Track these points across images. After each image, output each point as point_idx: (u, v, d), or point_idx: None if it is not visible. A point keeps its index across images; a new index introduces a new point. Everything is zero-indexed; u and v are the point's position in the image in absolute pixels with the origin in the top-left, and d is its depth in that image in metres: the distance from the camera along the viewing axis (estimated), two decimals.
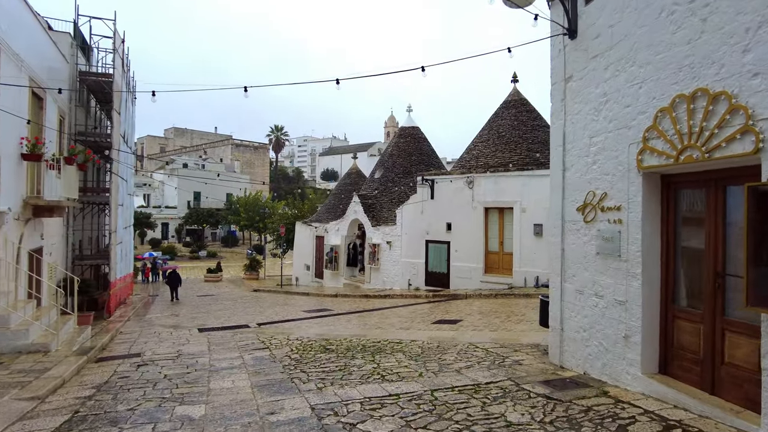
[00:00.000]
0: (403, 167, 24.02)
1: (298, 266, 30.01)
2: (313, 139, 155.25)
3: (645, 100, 5.45)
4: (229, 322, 14.49)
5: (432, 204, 19.40)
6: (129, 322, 15.59)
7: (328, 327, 12.54)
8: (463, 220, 18.60)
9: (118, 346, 10.57)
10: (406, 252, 20.44)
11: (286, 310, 17.30)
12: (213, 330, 12.74)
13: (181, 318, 16.03)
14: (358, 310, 15.81)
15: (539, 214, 17.02)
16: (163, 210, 63.17)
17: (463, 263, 18.59)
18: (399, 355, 8.32)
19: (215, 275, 34.71)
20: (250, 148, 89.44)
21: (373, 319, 13.34)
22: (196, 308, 18.99)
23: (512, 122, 20.12)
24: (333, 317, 14.46)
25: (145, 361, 8.77)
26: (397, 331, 11.24)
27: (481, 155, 19.77)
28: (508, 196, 17.68)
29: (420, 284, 19.66)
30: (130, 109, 23.22)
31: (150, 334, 12.34)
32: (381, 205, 23.23)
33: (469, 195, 18.47)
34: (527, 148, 19.15)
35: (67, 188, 13.72)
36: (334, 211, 27.88)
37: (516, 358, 7.68)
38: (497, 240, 18.24)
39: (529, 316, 11.87)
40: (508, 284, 17.46)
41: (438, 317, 12.87)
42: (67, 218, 16.67)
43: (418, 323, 12.13)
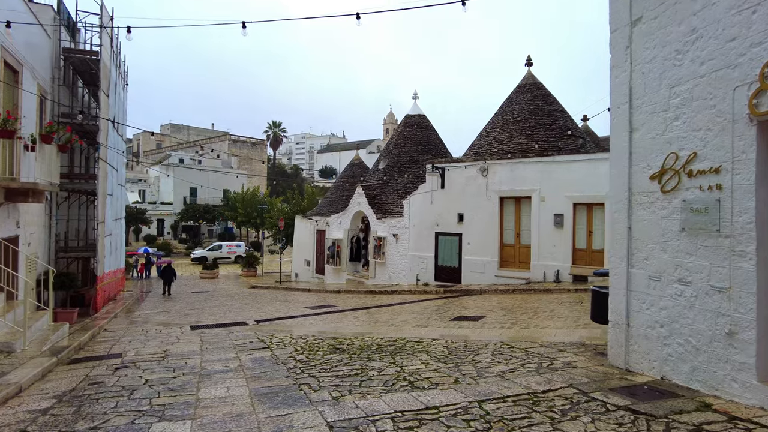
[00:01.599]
0: (410, 157, 22.77)
1: (297, 262, 28.73)
2: (311, 137, 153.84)
3: (762, 26, 4.21)
4: (225, 319, 13.23)
5: (442, 194, 18.16)
6: (116, 319, 14.32)
7: (334, 324, 11.29)
8: (476, 211, 17.37)
9: (98, 346, 9.31)
10: (414, 245, 19.20)
11: (286, 306, 16.04)
12: (207, 327, 11.48)
13: (173, 315, 14.76)
14: (364, 306, 14.56)
15: (560, 203, 15.83)
16: (158, 206, 61.68)
17: (476, 257, 17.36)
18: (423, 356, 7.08)
19: (211, 272, 33.41)
20: (247, 144, 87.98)
21: (384, 316, 12.10)
22: (190, 305, 17.72)
23: (528, 107, 18.89)
24: (339, 314, 13.21)
25: (125, 362, 7.51)
26: (414, 328, 10.01)
27: (494, 141, 18.53)
28: (526, 184, 16.45)
29: (429, 279, 18.42)
30: (120, 94, 21.90)
31: (136, 332, 11.07)
32: (386, 196, 21.98)
33: (483, 184, 17.24)
34: (545, 133, 17.93)
35: (46, 171, 12.44)
36: (335, 204, 26.60)
37: (565, 359, 6.45)
38: (513, 232, 17.01)
39: (560, 312, 10.65)
40: (526, 279, 16.25)
41: (456, 314, 11.64)
42: (49, 206, 15.38)
43: (435, 320, 10.89)
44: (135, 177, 69.65)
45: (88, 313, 15.69)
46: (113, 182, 19.28)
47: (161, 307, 17.08)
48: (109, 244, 18.36)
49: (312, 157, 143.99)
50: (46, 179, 12.78)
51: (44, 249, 14.95)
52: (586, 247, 15.78)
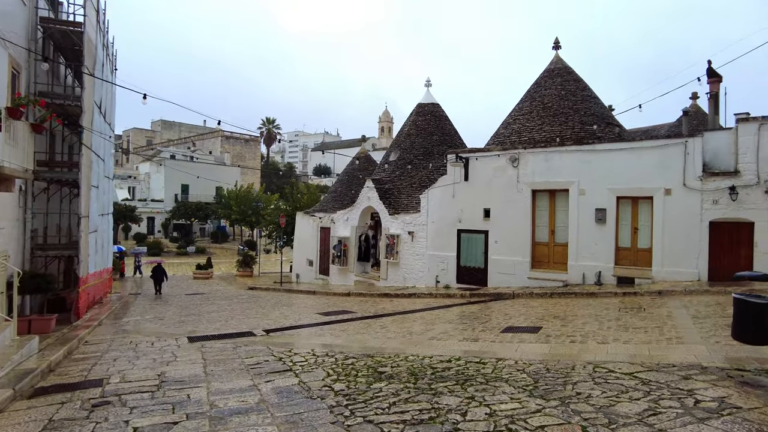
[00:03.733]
0: (424, 148, 21.01)
1: (299, 262, 26.85)
2: (304, 135, 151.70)
3: None
4: (227, 327, 11.40)
5: (466, 187, 16.42)
6: (100, 327, 12.43)
7: (360, 336, 9.50)
8: (504, 206, 15.66)
9: (75, 366, 7.45)
10: (432, 244, 17.44)
11: (294, 312, 14.22)
12: (208, 339, 9.65)
13: (167, 322, 12.89)
14: (386, 312, 12.79)
15: (601, 196, 14.18)
16: (148, 203, 59.36)
17: (504, 256, 15.64)
18: (505, 387, 5.35)
19: (205, 272, 31.44)
20: (240, 141, 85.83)
21: (416, 326, 10.33)
22: (185, 309, 15.83)
23: (558, 92, 17.21)
24: (359, 322, 11.42)
25: (106, 394, 5.68)
26: (461, 343, 8.26)
27: (523, 129, 16.83)
28: (563, 175, 14.76)
29: (450, 281, 16.68)
30: (109, 78, 19.93)
31: (123, 346, 9.22)
32: (399, 190, 20.21)
33: (513, 175, 15.53)
34: (580, 120, 16.25)
35: (17, 154, 10.55)
36: (341, 199, 24.79)
37: (708, 393, 4.73)
38: (547, 229, 15.32)
39: (630, 322, 8.95)
40: (562, 281, 14.56)
41: (501, 323, 9.90)
42: (24, 197, 13.45)
43: (482, 332, 9.14)
44: (125, 173, 67.35)
45: (69, 319, 13.78)
46: (99, 173, 17.33)
47: (152, 312, 15.18)
48: (94, 242, 16.41)
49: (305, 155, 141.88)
50: (18, 164, 10.88)
51: (17, 246, 13.02)
52: (631, 246, 14.12)
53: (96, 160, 16.38)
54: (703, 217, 12.86)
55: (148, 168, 65.60)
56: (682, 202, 13.09)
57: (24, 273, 12.74)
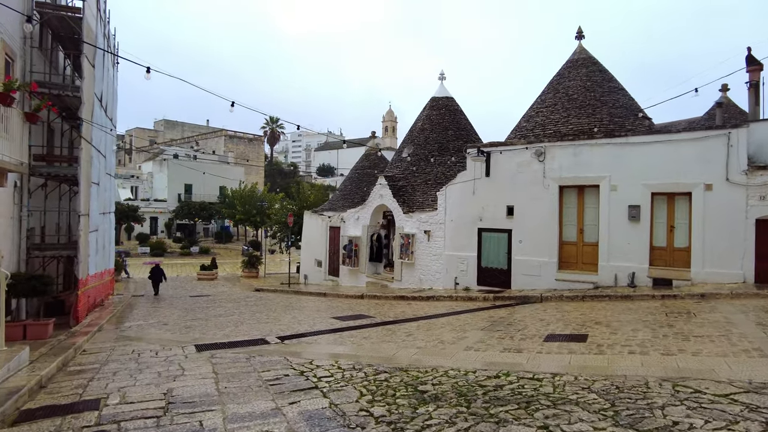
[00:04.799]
0: (438, 143, 20.09)
1: (307, 262, 25.98)
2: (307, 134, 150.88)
3: None
4: (238, 334, 10.52)
5: (487, 183, 15.50)
6: (100, 333, 11.57)
7: (386, 345, 8.60)
8: (529, 203, 14.74)
9: (69, 383, 6.57)
10: (450, 243, 16.53)
11: (308, 316, 13.33)
12: (217, 348, 8.77)
13: (172, 327, 12.01)
14: (407, 318, 11.89)
15: (635, 192, 13.26)
16: (151, 203, 58.59)
17: (529, 257, 14.72)
18: (579, 412, 4.45)
19: (210, 272, 30.60)
20: (244, 140, 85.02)
21: (446, 333, 9.42)
22: (190, 312, 14.97)
23: (584, 83, 16.28)
24: (381, 328, 10.52)
25: (103, 421, 4.81)
26: (504, 354, 7.35)
27: (548, 122, 15.90)
28: (593, 170, 13.84)
29: (470, 283, 15.77)
30: (110, 71, 19.08)
31: (125, 356, 8.34)
32: (413, 187, 19.30)
33: (538, 170, 14.61)
34: (609, 113, 15.32)
35: (7, 145, 9.70)
36: (350, 197, 23.90)
37: None
38: (575, 227, 14.40)
39: (684, 328, 8.01)
40: (593, 283, 13.65)
41: (541, 330, 8.99)
42: (19, 193, 12.61)
43: (521, 340, 8.23)
44: (127, 173, 66.64)
45: (69, 323, 12.95)
46: (100, 169, 16.47)
47: (156, 317, 14.31)
48: (94, 242, 15.57)
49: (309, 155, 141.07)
50: (11, 156, 10.04)
51: (11, 246, 12.17)
52: (667, 245, 13.19)
53: (96, 156, 15.53)
54: (748, 214, 11.93)
55: (151, 167, 64.88)
56: (725, 197, 12.16)
57: (19, 274, 11.94)
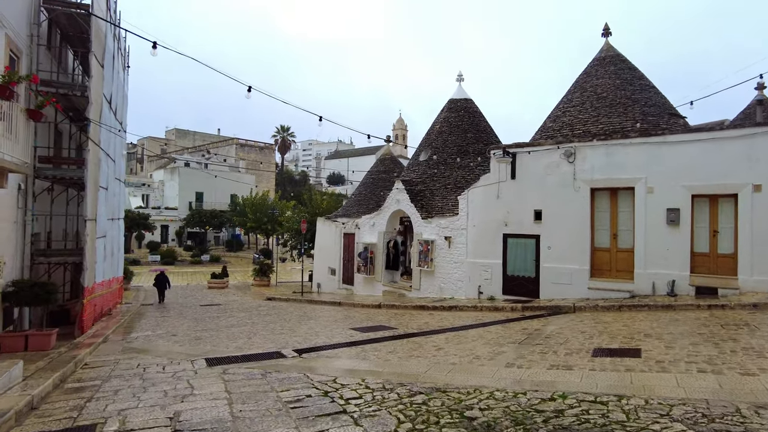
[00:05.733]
0: (458, 146, 19.33)
1: (320, 270, 25.23)
2: (317, 143, 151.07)
3: None
4: (251, 346, 9.76)
5: (513, 185, 14.68)
6: (105, 344, 10.87)
7: (415, 361, 7.78)
8: (558, 206, 13.89)
9: (64, 402, 5.84)
10: (473, 250, 15.69)
11: (325, 327, 12.54)
12: (230, 362, 8.01)
13: (181, 339, 11.29)
14: (432, 329, 11.06)
15: (674, 194, 12.37)
16: (162, 211, 58.35)
17: (559, 264, 13.85)
18: None
19: (220, 281, 29.97)
20: (255, 149, 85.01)
21: (479, 347, 8.58)
22: (201, 322, 14.25)
23: (613, 81, 15.47)
24: (406, 341, 9.70)
25: None
26: (553, 372, 6.50)
27: (576, 121, 15.08)
28: (627, 171, 12.98)
29: (495, 292, 14.89)
30: (120, 74, 18.61)
31: (129, 371, 7.61)
32: (432, 192, 18.52)
33: (568, 172, 13.77)
34: (641, 111, 14.47)
35: (8, 144, 9.09)
36: (365, 203, 23.17)
37: None
38: (608, 232, 13.51)
39: (764, 347, 7.11)
40: (628, 291, 12.73)
41: (585, 344, 8.13)
42: (23, 197, 12.00)
43: (566, 355, 7.38)
44: (138, 181, 66.61)
45: (73, 333, 12.30)
46: (109, 174, 15.89)
47: (164, 327, 13.60)
48: (102, 248, 14.95)
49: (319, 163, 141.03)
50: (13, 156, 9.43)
51: (14, 251, 11.55)
52: (710, 251, 12.27)
53: (105, 159, 14.97)
54: None
55: (162, 175, 64.81)
56: None
57: (21, 281, 11.32)
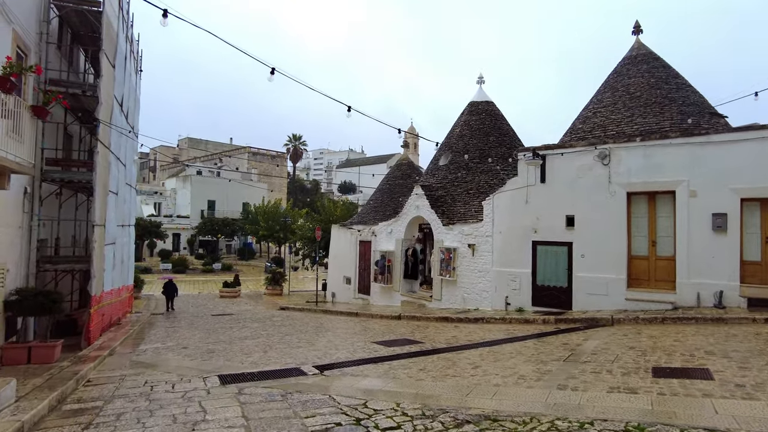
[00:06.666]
0: (480, 150, 18.55)
1: (334, 279, 24.49)
2: (329, 152, 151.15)
3: None
4: (268, 361, 9.00)
5: (543, 190, 13.86)
6: (111, 357, 10.19)
7: (452, 381, 6.96)
8: (592, 212, 13.04)
9: (57, 430, 5.12)
10: (499, 258, 14.85)
11: (344, 340, 11.77)
12: (245, 380, 7.26)
13: (192, 351, 10.57)
14: (462, 344, 10.24)
15: (720, 198, 11.47)
16: (174, 219, 58.13)
17: (593, 273, 12.95)
18: None
19: (232, 290, 29.34)
20: (267, 157, 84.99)
21: (520, 365, 7.74)
22: (213, 334, 13.55)
23: (647, 80, 14.64)
24: (436, 357, 8.88)
25: None
26: (615, 396, 5.66)
27: (609, 122, 14.25)
28: (667, 174, 12.11)
29: (524, 303, 14.02)
30: (132, 77, 18.16)
31: (135, 390, 6.89)
32: (453, 197, 17.74)
33: (602, 175, 12.93)
34: (678, 111, 13.61)
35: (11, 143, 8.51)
36: (382, 209, 22.44)
37: None
38: (646, 239, 12.62)
39: None
40: (670, 302, 11.81)
41: (640, 362, 7.26)
42: (30, 200, 11.44)
43: (623, 376, 6.52)
44: (150, 189, 66.62)
45: (80, 344, 11.65)
46: (119, 178, 15.35)
47: (175, 338, 12.92)
48: (111, 255, 14.34)
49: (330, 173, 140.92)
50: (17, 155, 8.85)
51: (19, 258, 10.95)
52: (762, 260, 11.32)
53: (115, 163, 14.43)
54: None
55: (174, 184, 64.76)
56: None
57: (26, 290, 10.71)
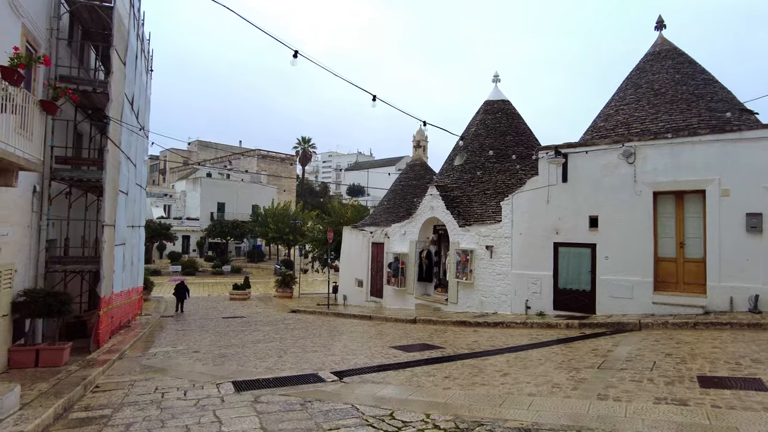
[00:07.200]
0: (496, 150, 18.10)
1: (346, 282, 24.11)
2: (337, 155, 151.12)
3: None
4: (283, 366, 8.61)
5: (565, 189, 13.39)
6: (121, 361, 9.86)
7: (482, 390, 6.53)
8: (616, 212, 12.55)
9: None
10: (519, 260, 14.38)
11: (361, 345, 11.36)
12: (261, 386, 6.88)
13: (204, 356, 10.21)
14: (486, 349, 9.79)
15: (755, 197, 10.96)
16: (184, 221, 58.08)
17: (618, 276, 12.45)
18: None
19: (242, 293, 29.05)
20: (276, 160, 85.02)
21: (551, 372, 7.29)
22: (224, 337, 13.20)
23: (672, 76, 14.14)
24: (459, 363, 8.44)
25: None
26: (664, 408, 5.21)
27: (633, 119, 13.76)
28: (696, 172, 11.60)
29: (545, 307, 13.54)
30: (143, 76, 17.95)
31: (145, 396, 6.53)
32: (470, 198, 17.29)
33: (627, 174, 12.44)
34: (707, 107, 13.09)
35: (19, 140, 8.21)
36: (395, 211, 22.04)
37: None
38: (674, 240, 12.11)
39: None
40: (701, 306, 11.29)
41: (682, 370, 6.78)
42: (39, 200, 11.18)
43: (666, 385, 6.05)
44: (160, 192, 66.71)
45: (89, 347, 11.36)
46: (129, 178, 15.09)
47: (186, 341, 12.58)
48: (121, 257, 14.06)
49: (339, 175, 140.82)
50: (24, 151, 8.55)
51: (27, 258, 10.67)
52: None
53: (126, 162, 14.17)
54: None
55: (184, 186, 64.77)
56: None
57: (34, 291, 10.43)
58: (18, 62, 6.84)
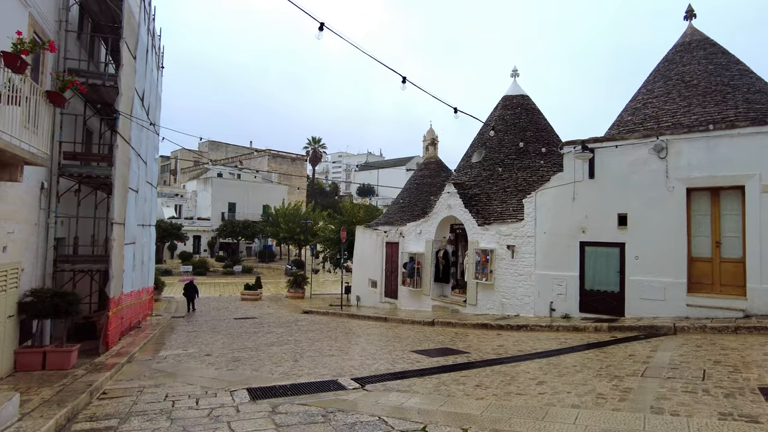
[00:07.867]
0: (515, 146, 17.50)
1: (359, 282, 23.61)
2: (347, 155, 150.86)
3: None
4: (300, 371, 8.13)
5: (592, 186, 12.78)
6: (130, 365, 9.44)
7: (519, 400, 5.99)
8: (647, 210, 11.91)
9: None
10: (543, 260, 13.78)
11: (380, 348, 10.84)
12: (277, 394, 6.40)
13: (216, 359, 9.76)
14: (514, 354, 9.23)
15: None
16: (195, 221, 58.00)
17: (649, 277, 11.82)
18: None
19: (254, 293, 28.69)
20: (287, 160, 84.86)
21: (593, 381, 6.73)
22: (237, 339, 12.76)
23: (704, 67, 13.47)
24: (490, 370, 7.89)
25: None
26: (731, 425, 4.64)
27: (662, 113, 13.12)
28: (734, 167, 10.94)
29: (570, 309, 12.94)
30: (153, 72, 17.61)
31: (154, 405, 6.07)
32: (489, 196, 16.71)
33: (658, 169, 11.80)
34: (743, 98, 12.42)
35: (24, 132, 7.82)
36: (410, 210, 21.52)
37: None
38: (709, 239, 11.45)
39: None
40: (741, 310, 10.62)
41: (736, 379, 6.18)
42: (47, 197, 10.81)
43: (726, 398, 5.48)
44: (171, 191, 66.76)
45: (98, 349, 10.99)
46: (140, 176, 14.73)
47: (197, 344, 12.15)
48: (131, 256, 13.69)
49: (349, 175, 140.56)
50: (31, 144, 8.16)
51: (34, 257, 10.30)
52: None
53: (136, 159, 13.81)
54: None
55: (195, 186, 64.77)
56: None
57: (41, 291, 10.07)
58: (21, 48, 6.43)
